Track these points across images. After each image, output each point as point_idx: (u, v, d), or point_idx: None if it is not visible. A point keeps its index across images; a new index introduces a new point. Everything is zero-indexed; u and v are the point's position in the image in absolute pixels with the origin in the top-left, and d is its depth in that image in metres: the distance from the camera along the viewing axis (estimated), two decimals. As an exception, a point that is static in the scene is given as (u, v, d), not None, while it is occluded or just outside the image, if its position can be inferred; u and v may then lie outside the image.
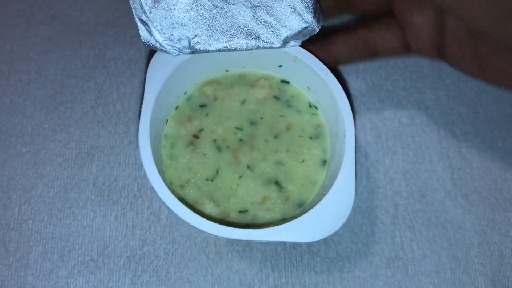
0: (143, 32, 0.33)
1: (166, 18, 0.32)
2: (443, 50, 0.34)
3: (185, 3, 0.32)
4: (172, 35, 0.32)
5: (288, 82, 0.38)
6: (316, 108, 0.37)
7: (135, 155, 0.39)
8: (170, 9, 0.32)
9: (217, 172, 0.35)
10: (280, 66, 0.37)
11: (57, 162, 0.39)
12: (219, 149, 0.36)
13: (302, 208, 0.34)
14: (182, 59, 0.34)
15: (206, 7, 0.32)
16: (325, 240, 0.37)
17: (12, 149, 0.39)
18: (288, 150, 0.36)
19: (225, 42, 0.33)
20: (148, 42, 0.33)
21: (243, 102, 0.37)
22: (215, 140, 0.36)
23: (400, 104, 0.41)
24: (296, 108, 0.37)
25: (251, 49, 0.34)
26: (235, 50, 0.34)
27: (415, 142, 0.40)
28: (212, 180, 0.35)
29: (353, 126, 0.33)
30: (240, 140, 0.36)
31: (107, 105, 0.41)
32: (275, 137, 0.36)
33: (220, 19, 0.32)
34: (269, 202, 0.34)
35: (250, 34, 0.33)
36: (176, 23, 0.32)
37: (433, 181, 0.39)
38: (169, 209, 0.31)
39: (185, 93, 0.37)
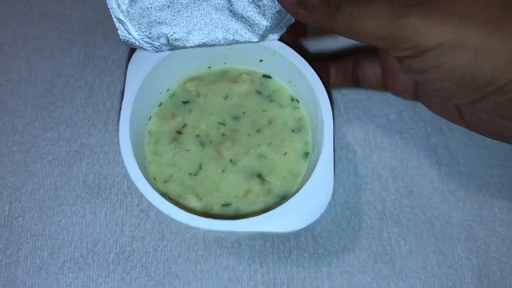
0: (121, 32, 0.33)
1: (143, 16, 0.32)
2: (420, 97, 0.36)
3: (161, 1, 0.32)
4: (151, 33, 0.33)
5: (270, 77, 0.38)
6: (297, 101, 0.38)
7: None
8: (147, 7, 0.32)
9: (200, 167, 0.35)
10: (261, 60, 0.37)
11: (47, 160, 0.39)
12: (202, 144, 0.36)
13: (284, 200, 0.34)
14: (162, 56, 0.34)
15: (183, 4, 0.32)
16: (313, 235, 0.37)
17: (2, 148, 0.39)
18: (270, 143, 0.36)
19: (203, 38, 0.33)
20: (127, 41, 0.33)
21: (225, 98, 0.37)
22: (198, 136, 0.36)
23: (387, 101, 0.42)
24: (278, 102, 0.38)
25: (230, 44, 0.34)
26: (213, 45, 0.34)
27: (403, 138, 0.40)
28: (195, 175, 0.35)
29: (331, 117, 0.33)
30: (223, 135, 0.36)
31: (97, 103, 0.41)
32: (258, 131, 0.37)
33: (197, 15, 0.33)
34: (252, 195, 0.35)
35: (227, 29, 0.33)
36: (154, 21, 0.32)
37: (421, 177, 0.39)
38: (151, 204, 0.31)
39: (168, 90, 0.37)
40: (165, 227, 0.37)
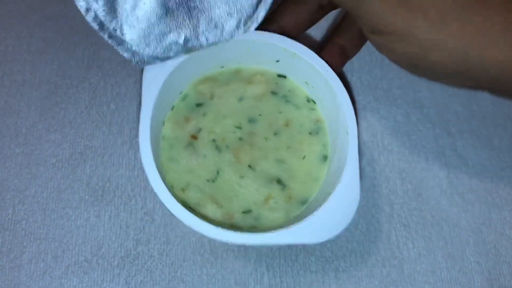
0: (133, 57, 0.32)
1: (148, 35, 0.32)
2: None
3: (151, 14, 0.31)
4: (162, 45, 0.32)
5: (284, 77, 0.37)
6: (314, 102, 0.37)
7: (129, 155, 0.39)
8: (148, 26, 0.31)
9: (218, 173, 0.35)
10: (278, 61, 0.36)
11: (50, 162, 0.38)
12: (218, 149, 0.35)
13: (305, 205, 0.34)
14: (178, 59, 0.34)
15: (176, 8, 0.32)
16: (320, 239, 0.37)
17: (6, 150, 0.39)
18: (288, 147, 0.36)
19: (215, 36, 0.33)
20: (142, 60, 0.32)
21: (240, 99, 0.37)
22: (214, 140, 0.35)
23: (395, 102, 0.41)
24: (294, 103, 0.37)
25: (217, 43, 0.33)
26: (223, 42, 0.33)
27: (411, 140, 0.40)
28: (213, 181, 0.34)
29: (355, 124, 0.33)
30: (240, 139, 0.36)
31: (101, 105, 0.40)
32: (275, 134, 0.36)
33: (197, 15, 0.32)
34: (272, 201, 0.34)
35: (217, 26, 0.33)
36: (159, 33, 0.32)
37: (429, 180, 0.39)
38: (172, 215, 0.30)
39: (180, 92, 0.37)
40: (170, 230, 0.37)
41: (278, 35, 0.35)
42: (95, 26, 0.31)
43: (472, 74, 0.29)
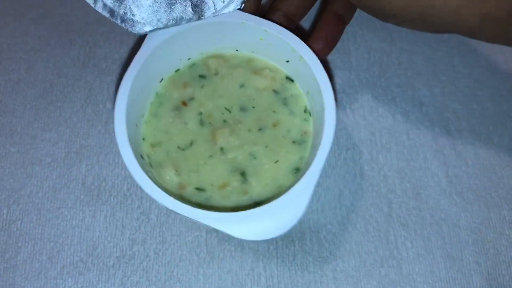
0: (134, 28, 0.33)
1: (156, 11, 0.32)
2: None
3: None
4: (172, 16, 0.33)
5: (292, 80, 0.37)
6: (310, 114, 0.36)
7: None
8: (154, 1, 0.32)
9: (190, 144, 0.35)
10: (287, 61, 0.36)
11: (46, 162, 0.38)
12: (201, 122, 0.35)
13: (257, 207, 0.33)
14: (191, 23, 0.34)
15: None
16: (318, 239, 0.36)
17: (0, 149, 0.38)
18: (266, 146, 0.35)
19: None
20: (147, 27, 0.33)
21: (241, 86, 0.37)
22: (200, 113, 0.36)
23: (394, 101, 0.41)
24: (290, 109, 0.36)
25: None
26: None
27: (410, 139, 0.40)
28: (183, 150, 0.35)
29: (332, 138, 0.32)
30: (224, 121, 0.36)
31: (97, 104, 0.40)
32: (259, 129, 0.36)
33: None
34: (228, 190, 0.34)
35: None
36: (166, 6, 0.33)
37: (428, 179, 0.38)
38: (131, 176, 0.31)
39: (189, 58, 0.37)
40: (166, 229, 0.36)
41: (290, 33, 0.34)
42: (106, 14, 0.32)
43: (432, 19, 0.30)
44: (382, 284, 0.36)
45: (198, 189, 0.34)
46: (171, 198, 0.30)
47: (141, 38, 0.34)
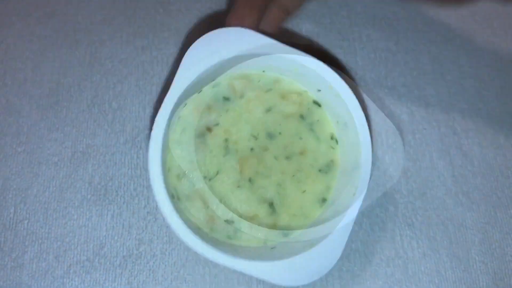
0: None
1: None
2: None
3: None
4: None
5: (319, 105, 0.35)
6: (336, 142, 0.35)
7: (131, 154, 0.38)
8: None
9: (217, 174, 0.34)
10: (319, 90, 0.34)
11: (52, 161, 0.38)
12: (227, 150, 0.34)
13: (286, 238, 0.33)
14: (221, 55, 0.32)
15: None
16: (323, 239, 0.36)
17: (7, 149, 0.39)
18: (293, 175, 0.34)
19: None
20: None
21: (267, 110, 0.35)
22: (226, 140, 0.34)
23: (400, 100, 0.41)
24: (317, 135, 0.35)
25: None
26: None
27: (416, 139, 0.40)
28: (210, 180, 0.33)
29: (366, 187, 0.31)
30: (251, 149, 0.34)
31: (103, 103, 0.40)
32: (287, 158, 0.34)
33: None
34: (257, 221, 0.33)
35: None
36: None
37: (434, 179, 0.38)
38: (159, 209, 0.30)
39: (213, 79, 0.34)
40: (173, 229, 0.37)
41: (325, 66, 0.33)
42: None
43: None
44: (388, 284, 0.36)
45: (227, 221, 0.33)
46: (222, 253, 0.30)
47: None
